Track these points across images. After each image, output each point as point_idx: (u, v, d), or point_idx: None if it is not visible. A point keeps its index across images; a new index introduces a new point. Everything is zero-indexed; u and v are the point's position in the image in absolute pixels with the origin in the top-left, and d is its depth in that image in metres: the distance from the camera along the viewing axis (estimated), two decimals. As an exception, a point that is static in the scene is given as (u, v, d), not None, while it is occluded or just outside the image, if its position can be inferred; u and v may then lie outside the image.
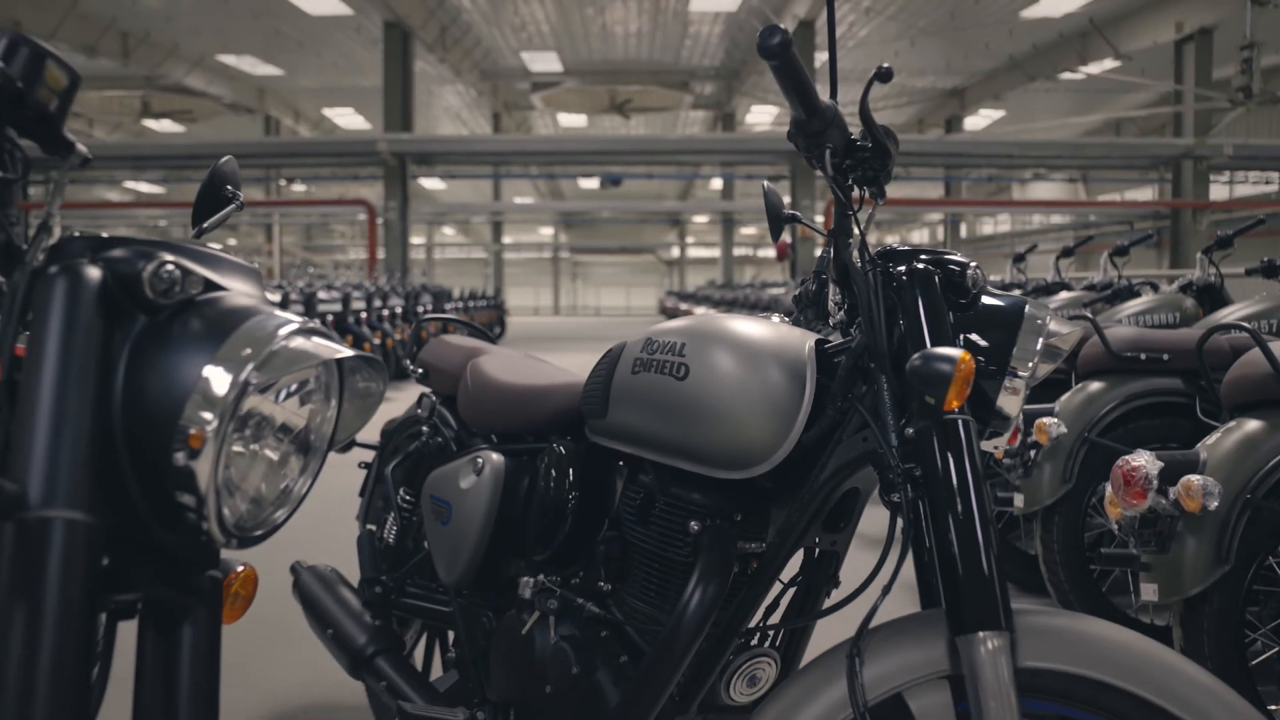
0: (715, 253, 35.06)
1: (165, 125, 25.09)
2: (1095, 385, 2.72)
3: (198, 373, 0.75)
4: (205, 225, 1.10)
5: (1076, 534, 2.64)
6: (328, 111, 26.12)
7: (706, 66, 22.14)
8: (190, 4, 17.18)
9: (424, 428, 2.00)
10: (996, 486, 3.15)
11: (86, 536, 0.70)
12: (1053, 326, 1.22)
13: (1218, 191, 22.11)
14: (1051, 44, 19.04)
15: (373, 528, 2.08)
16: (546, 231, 42.13)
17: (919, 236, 37.88)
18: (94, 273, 0.76)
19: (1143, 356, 2.66)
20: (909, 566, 1.15)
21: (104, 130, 25.75)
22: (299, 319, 0.81)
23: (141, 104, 23.36)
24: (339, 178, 22.23)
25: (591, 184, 27.41)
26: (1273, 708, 2.02)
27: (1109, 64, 18.61)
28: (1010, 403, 1.19)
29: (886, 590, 1.11)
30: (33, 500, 0.69)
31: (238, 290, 0.84)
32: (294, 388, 0.82)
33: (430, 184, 27.86)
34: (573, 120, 26.46)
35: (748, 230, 38.23)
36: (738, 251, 34.26)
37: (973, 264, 1.23)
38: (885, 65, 1.08)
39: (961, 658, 1.05)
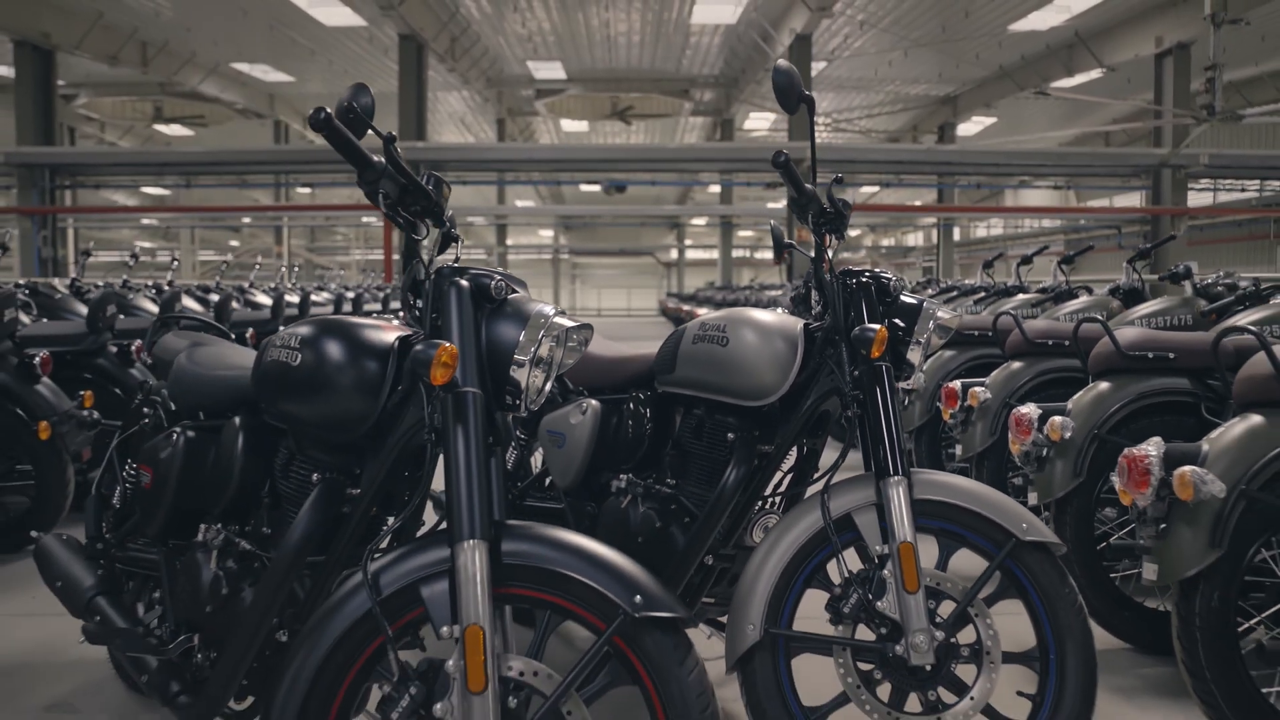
0: (714, 255, 35.82)
1: (176, 130, 25.56)
2: (1016, 365, 3.64)
3: (518, 333, 1.62)
4: (458, 258, 1.96)
5: (1001, 475, 3.53)
6: (335, 117, 26.85)
7: (706, 75, 22.92)
8: (210, 15, 17.87)
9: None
10: (947, 444, 4.05)
11: (482, 401, 1.58)
12: (940, 314, 2.11)
13: (1205, 198, 23.04)
14: (1039, 55, 19.80)
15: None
16: (546, 234, 42.93)
17: (914, 239, 38.79)
18: (465, 284, 1.64)
19: (1049, 343, 3.58)
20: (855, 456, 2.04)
21: (115, 134, 26.40)
22: (554, 307, 1.68)
23: (154, 109, 23.90)
24: (349, 183, 22.92)
25: (592, 187, 28.19)
26: (1111, 563, 2.91)
27: (1095, 74, 19.46)
28: (915, 357, 2.09)
29: (841, 459, 2.00)
30: (460, 382, 1.57)
31: (522, 293, 1.72)
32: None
33: (433, 187, 28.51)
34: (575, 126, 27.26)
35: (745, 233, 39.06)
36: (735, 254, 35.02)
37: (895, 278, 2.11)
38: (839, 175, 1.96)
39: (881, 492, 1.93)
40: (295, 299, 7.21)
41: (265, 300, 7.69)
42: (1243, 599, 2.18)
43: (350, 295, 8.54)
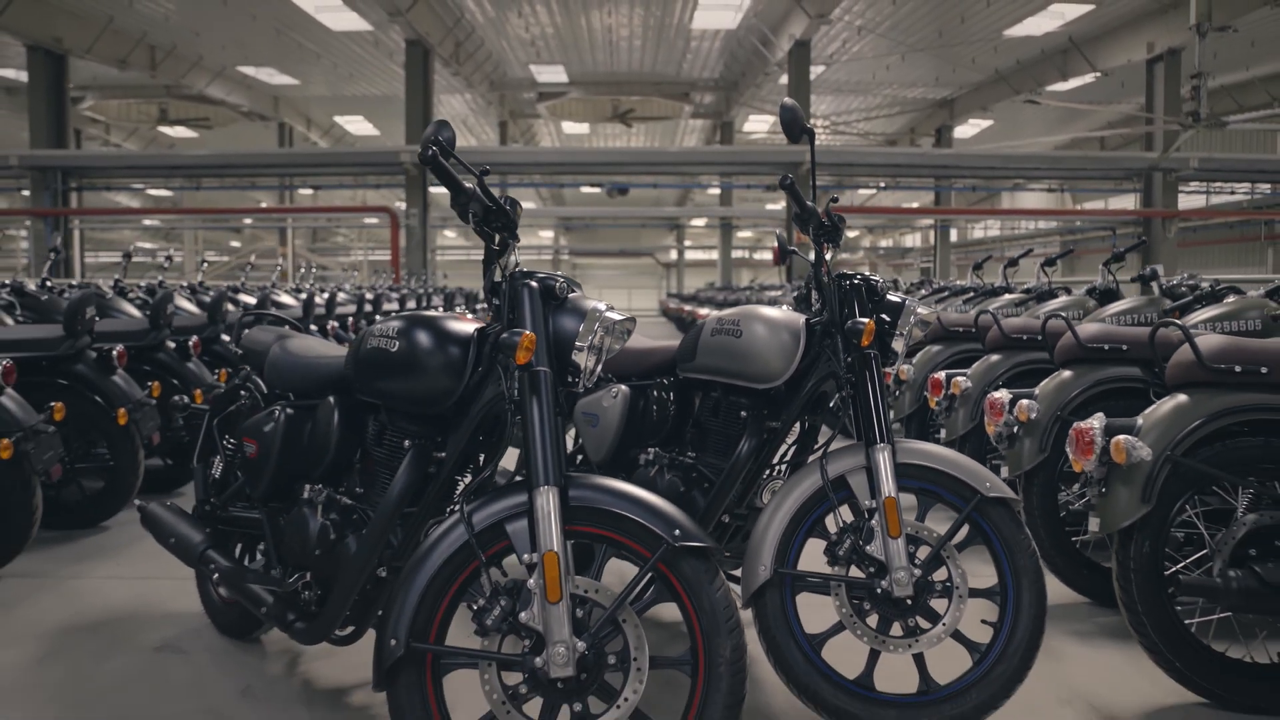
0: (713, 255, 36.20)
1: (181, 132, 25.77)
2: (994, 358, 4.06)
3: (578, 325, 2.02)
4: (517, 263, 2.36)
5: (981, 456, 3.94)
6: (339, 119, 27.09)
7: (706, 78, 23.30)
8: (218, 20, 18.19)
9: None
10: (934, 430, 4.45)
11: (550, 378, 1.98)
12: (920, 311, 2.52)
13: (1197, 200, 23.48)
14: (1034, 60, 20.20)
15: None
16: (547, 235, 43.31)
17: (911, 240, 39.24)
18: (535, 285, 2.04)
19: (1024, 338, 4.00)
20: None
21: (120, 136, 26.74)
22: (605, 304, 2.08)
23: (159, 111, 24.12)
24: (353, 185, 23.16)
25: (592, 189, 28.54)
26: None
27: (1089, 79, 19.86)
28: (898, 346, 2.49)
29: (835, 435, 2.41)
30: (535, 363, 1.97)
31: (579, 292, 2.13)
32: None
33: (434, 189, 28.90)
34: (576, 128, 27.60)
35: (744, 234, 39.47)
36: (735, 254, 35.36)
37: (882, 280, 2.52)
38: (835, 196, 2.37)
39: (870, 457, 2.34)
40: (320, 300, 7.61)
41: (288, 300, 8.09)
42: (1174, 548, 2.59)
43: (370, 296, 8.94)
